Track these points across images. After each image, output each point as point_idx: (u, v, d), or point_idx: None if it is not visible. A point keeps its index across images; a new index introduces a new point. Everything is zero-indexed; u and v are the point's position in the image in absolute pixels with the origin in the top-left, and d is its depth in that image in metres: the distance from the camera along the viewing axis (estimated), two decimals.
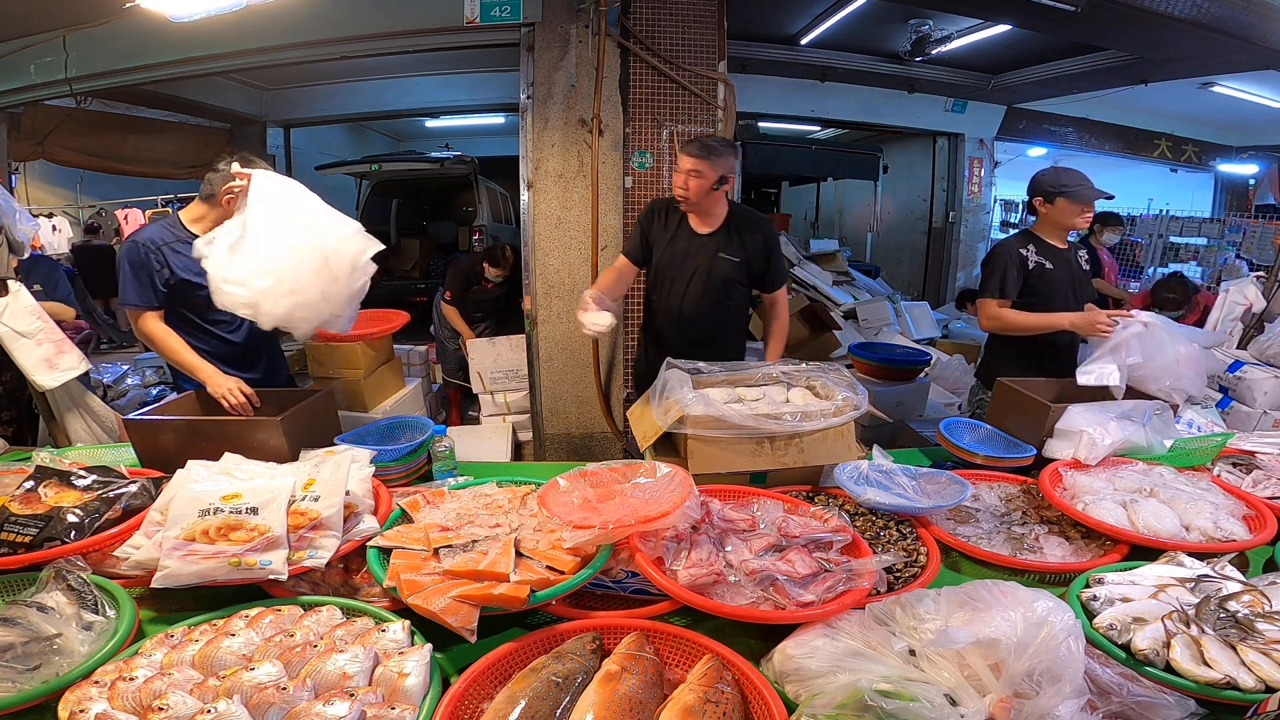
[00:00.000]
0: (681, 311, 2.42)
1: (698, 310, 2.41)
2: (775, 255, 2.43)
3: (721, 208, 2.37)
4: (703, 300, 2.39)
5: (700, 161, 2.20)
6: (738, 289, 2.44)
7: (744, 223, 2.39)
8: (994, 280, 2.41)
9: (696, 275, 2.37)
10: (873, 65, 6.44)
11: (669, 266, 2.41)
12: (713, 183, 2.23)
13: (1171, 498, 1.52)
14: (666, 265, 2.41)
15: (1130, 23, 4.42)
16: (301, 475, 1.37)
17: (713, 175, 2.22)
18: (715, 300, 2.40)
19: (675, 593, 1.14)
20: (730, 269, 2.36)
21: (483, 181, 8.03)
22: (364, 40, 3.77)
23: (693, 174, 2.22)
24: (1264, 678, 0.96)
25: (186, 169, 7.02)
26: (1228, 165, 9.22)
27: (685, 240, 2.39)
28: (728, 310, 2.46)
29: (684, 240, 2.39)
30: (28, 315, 2.38)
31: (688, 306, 2.40)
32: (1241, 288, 3.34)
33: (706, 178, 2.22)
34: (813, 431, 1.63)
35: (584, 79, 3.43)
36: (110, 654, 1.04)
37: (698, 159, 2.20)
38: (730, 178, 2.28)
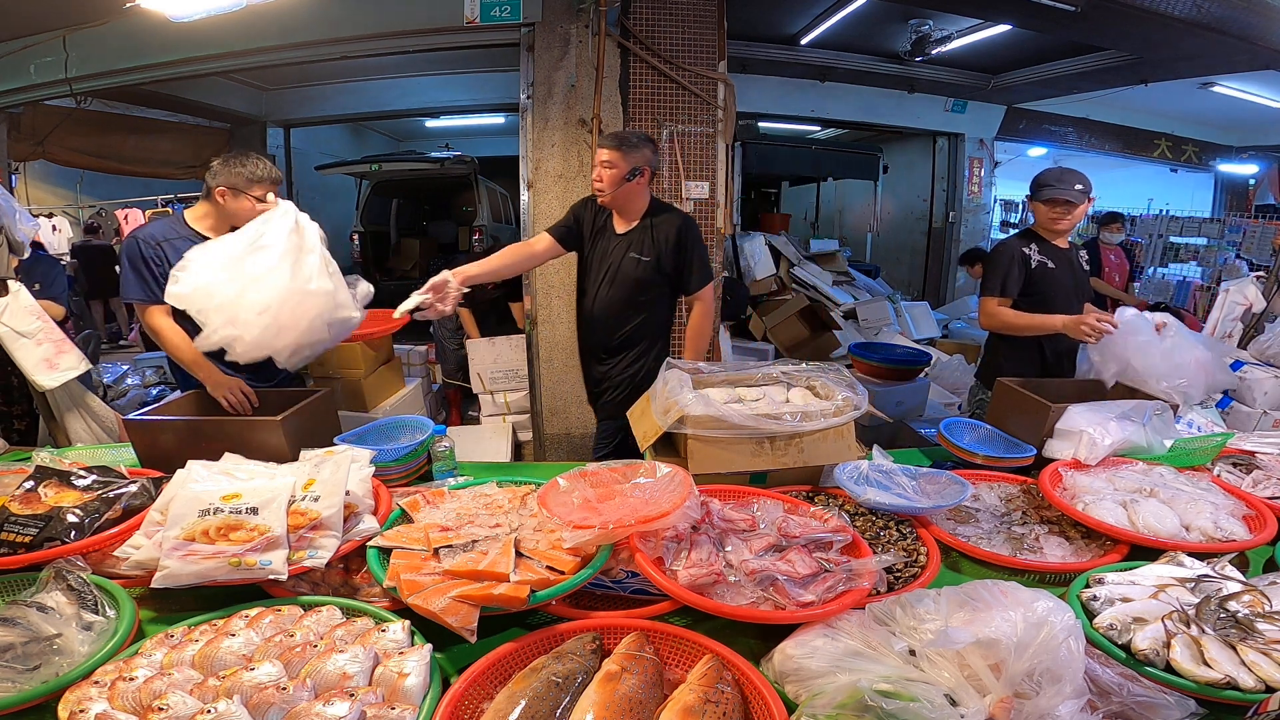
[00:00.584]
0: (593, 314, 2.33)
1: (607, 313, 2.30)
2: (690, 252, 2.26)
3: (640, 204, 2.27)
4: (612, 303, 2.28)
5: (612, 152, 2.14)
6: (652, 291, 2.29)
7: (660, 219, 2.27)
8: (995, 279, 2.41)
9: (607, 276, 2.28)
10: (873, 65, 6.44)
11: (589, 268, 2.34)
12: (625, 174, 2.15)
13: (1171, 498, 1.52)
14: (586, 267, 2.34)
15: (1130, 23, 4.42)
16: (301, 475, 1.37)
17: (625, 166, 2.14)
18: (625, 302, 2.28)
19: (675, 593, 1.14)
20: (639, 269, 2.24)
21: (483, 181, 8.04)
22: (364, 40, 3.78)
23: (605, 165, 2.15)
24: (1264, 678, 0.96)
25: (186, 169, 7.02)
26: (1228, 165, 9.22)
27: (604, 240, 2.31)
28: (640, 313, 2.30)
29: (603, 240, 2.31)
30: (28, 315, 2.38)
31: (598, 309, 2.31)
32: (1241, 288, 3.34)
33: (618, 168, 2.14)
34: (813, 431, 1.63)
35: (584, 79, 3.43)
36: (110, 654, 1.04)
37: (610, 150, 2.14)
38: (646, 170, 2.20)
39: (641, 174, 2.18)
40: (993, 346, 2.65)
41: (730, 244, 5.99)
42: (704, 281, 2.31)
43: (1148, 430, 1.76)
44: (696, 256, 2.28)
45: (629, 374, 2.34)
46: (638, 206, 2.26)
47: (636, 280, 2.25)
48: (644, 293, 2.27)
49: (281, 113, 7.12)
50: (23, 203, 4.09)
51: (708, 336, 2.43)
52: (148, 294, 2.06)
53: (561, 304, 3.64)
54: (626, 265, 2.25)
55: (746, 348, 5.65)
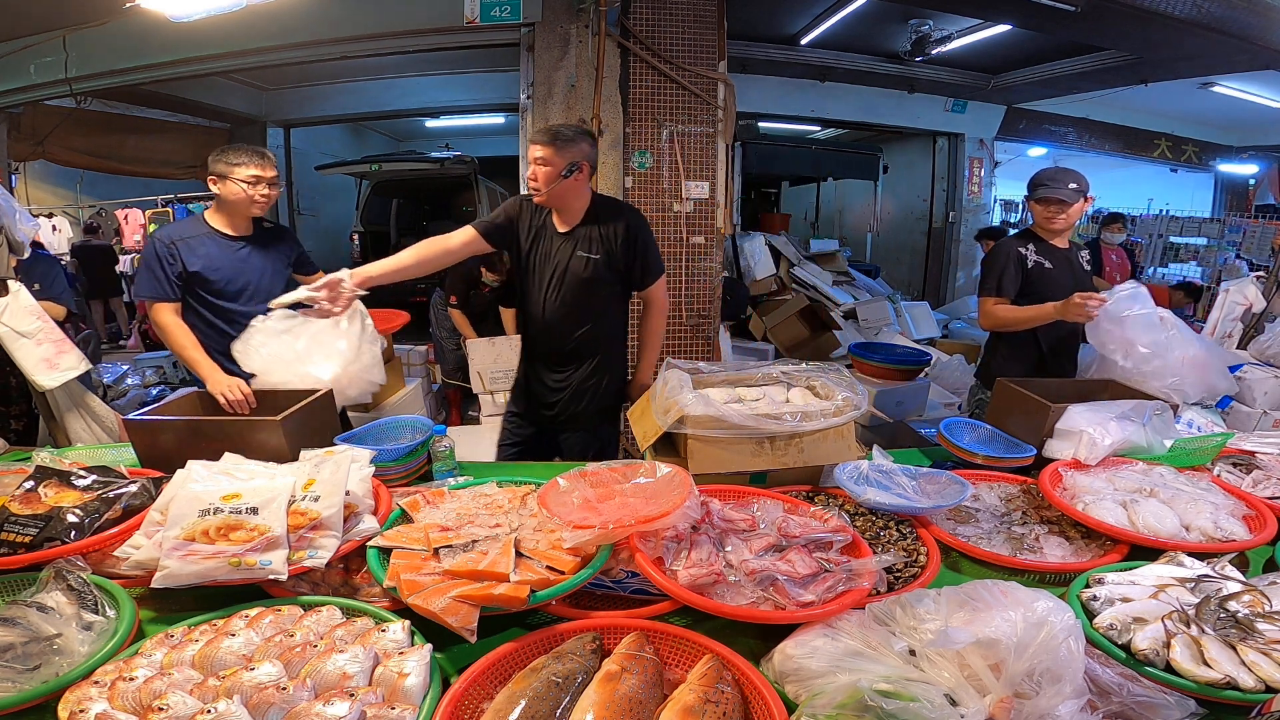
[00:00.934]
0: (545, 318, 2.20)
1: (560, 316, 2.18)
2: (641, 246, 2.17)
3: (582, 202, 2.14)
4: (563, 305, 2.17)
5: (545, 148, 2.01)
6: (604, 290, 2.19)
7: (605, 215, 2.16)
8: (991, 279, 2.42)
9: (555, 278, 2.15)
10: (873, 65, 6.45)
11: (532, 270, 2.20)
12: (561, 170, 2.01)
13: (1171, 498, 1.52)
14: (530, 268, 2.20)
15: (1130, 23, 4.42)
16: (301, 475, 1.37)
17: (560, 163, 2.01)
18: (577, 304, 2.17)
19: (675, 593, 1.14)
20: (590, 268, 2.13)
21: (483, 181, 8.04)
22: (364, 40, 3.78)
23: (539, 162, 2.03)
24: (1264, 678, 0.96)
25: (186, 169, 7.01)
26: (1228, 165, 9.23)
27: (547, 240, 2.17)
28: (594, 315, 2.21)
29: (546, 240, 2.17)
30: (28, 315, 2.37)
31: (550, 312, 2.18)
32: (1241, 288, 3.34)
33: (553, 165, 2.01)
34: (813, 431, 1.63)
35: (584, 79, 3.43)
36: (110, 654, 1.04)
37: (543, 145, 2.01)
38: (584, 165, 2.06)
39: (579, 170, 2.05)
40: (992, 346, 2.65)
41: (730, 244, 6.00)
42: (657, 275, 2.24)
43: (1148, 430, 1.76)
44: (648, 250, 2.19)
45: (592, 383, 2.25)
46: (579, 204, 2.14)
47: (587, 280, 2.14)
48: (596, 293, 2.18)
49: (281, 113, 7.13)
50: (23, 203, 4.09)
51: (662, 335, 2.37)
52: (157, 291, 2.16)
53: None
54: (575, 265, 2.13)
55: (746, 348, 5.65)
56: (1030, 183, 2.43)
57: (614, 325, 2.30)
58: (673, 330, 3.71)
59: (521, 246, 2.20)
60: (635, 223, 2.18)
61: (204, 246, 2.24)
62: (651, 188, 3.54)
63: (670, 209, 3.56)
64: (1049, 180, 2.35)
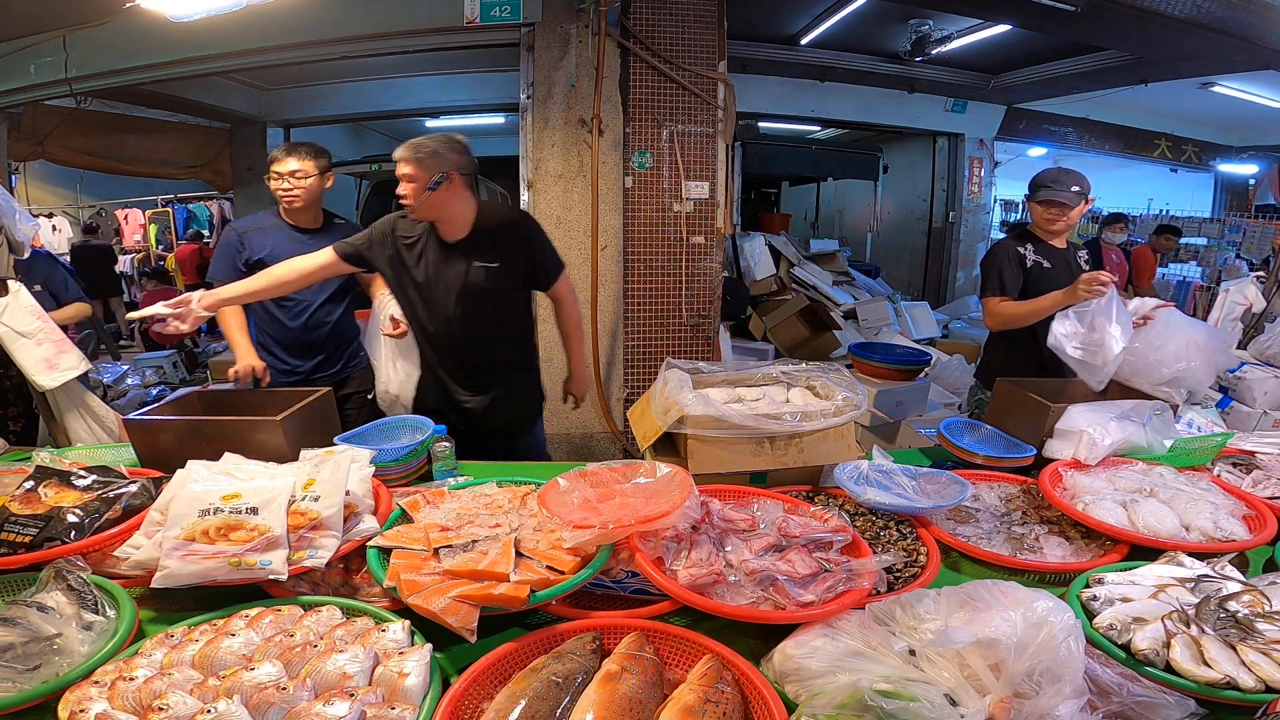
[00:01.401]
0: (452, 336, 2.14)
1: (466, 330, 2.12)
2: (539, 247, 2.14)
3: (463, 211, 2.06)
4: (469, 319, 2.10)
5: (408, 164, 1.95)
6: (507, 297, 2.15)
7: (495, 221, 2.11)
8: (993, 279, 2.41)
9: (457, 292, 2.08)
10: (873, 65, 6.44)
11: (425, 287, 2.10)
12: (426, 185, 1.95)
13: (1171, 498, 1.52)
14: (422, 285, 2.11)
15: (1130, 23, 4.42)
16: (301, 475, 1.37)
17: (424, 176, 1.94)
18: (483, 316, 2.12)
19: (675, 593, 1.14)
20: (490, 277, 2.07)
21: (483, 181, 8.03)
22: (364, 40, 3.78)
23: (405, 179, 1.97)
24: (1264, 678, 0.96)
25: (186, 169, 7.00)
26: (1228, 165, 9.23)
27: (435, 253, 2.08)
28: (500, 324, 2.18)
29: (434, 254, 2.08)
30: (28, 315, 2.37)
31: (456, 328, 2.12)
32: (1241, 288, 3.35)
33: (418, 180, 1.95)
34: (813, 431, 1.63)
35: (584, 79, 3.43)
36: (110, 654, 1.04)
37: (406, 162, 1.95)
38: (452, 174, 1.97)
39: (447, 180, 1.96)
40: (992, 346, 2.65)
41: (730, 244, 6.00)
42: (559, 272, 2.20)
43: (1148, 430, 1.76)
44: (545, 250, 2.16)
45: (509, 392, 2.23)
46: (460, 214, 2.06)
47: (490, 290, 2.08)
48: (500, 301, 2.13)
49: (281, 113, 7.11)
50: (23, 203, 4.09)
51: (581, 325, 2.35)
52: (220, 274, 2.39)
53: None
54: (475, 276, 2.06)
55: (746, 348, 5.65)
56: (1032, 183, 2.42)
57: (522, 330, 2.29)
58: (673, 330, 3.71)
59: (407, 264, 2.11)
60: (528, 224, 2.16)
61: (271, 237, 2.44)
62: (651, 188, 3.54)
63: (670, 209, 3.56)
64: (1051, 182, 2.35)
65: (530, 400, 2.34)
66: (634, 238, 3.57)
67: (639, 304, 3.65)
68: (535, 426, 2.39)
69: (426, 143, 1.98)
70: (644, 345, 3.71)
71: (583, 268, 3.57)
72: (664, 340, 3.71)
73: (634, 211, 3.54)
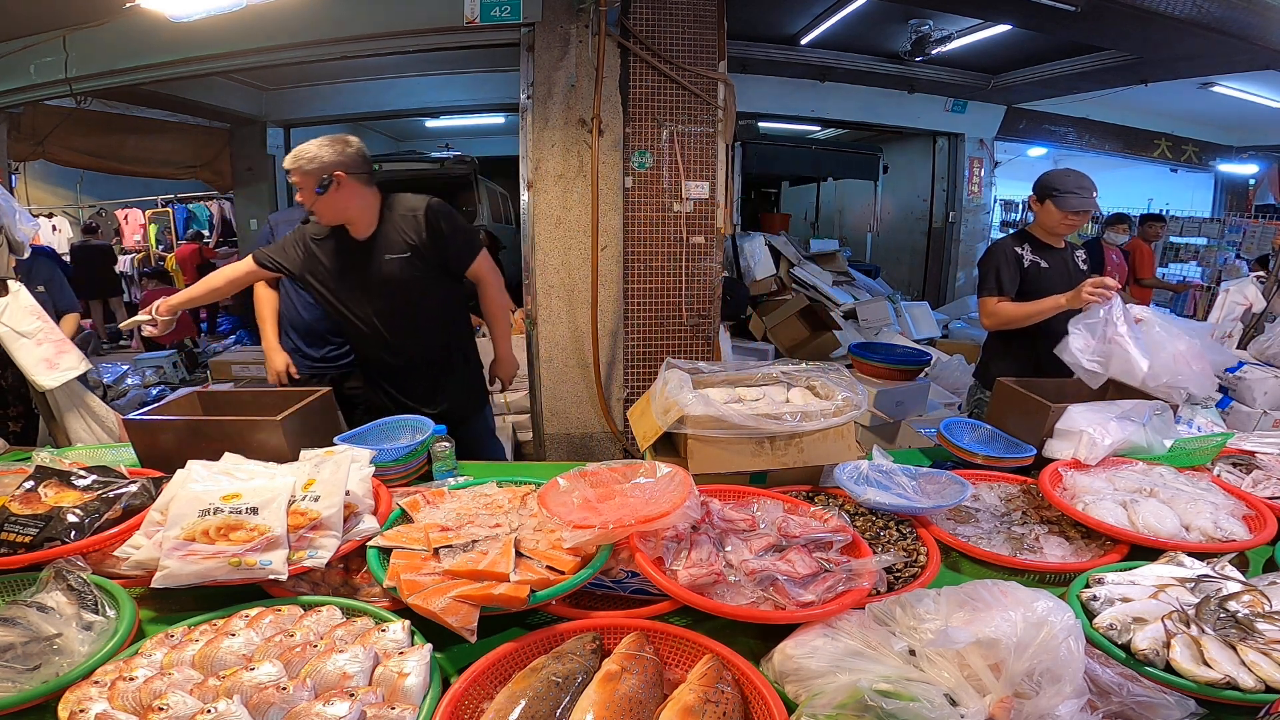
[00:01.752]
0: (377, 332, 2.15)
1: (393, 324, 2.14)
2: (447, 229, 2.11)
3: (362, 207, 2.06)
4: (390, 313, 2.12)
5: (293, 175, 1.98)
6: (427, 285, 2.14)
7: (400, 210, 2.11)
8: (990, 279, 2.41)
9: (374, 288, 2.10)
10: (873, 65, 6.44)
11: (342, 286, 2.13)
12: (314, 187, 1.96)
13: (1171, 498, 1.52)
14: (339, 286, 2.13)
15: (1130, 23, 4.42)
16: (301, 475, 1.37)
17: (310, 182, 1.96)
18: (407, 308, 2.13)
19: (675, 593, 1.14)
20: (404, 268, 2.08)
21: (483, 181, 8.03)
22: (364, 40, 3.77)
23: (297, 187, 1.99)
24: (1264, 678, 0.96)
25: (186, 169, 7.01)
26: (1228, 165, 9.23)
27: (348, 254, 2.10)
28: (429, 315, 2.19)
29: (346, 254, 2.10)
30: (28, 315, 2.37)
31: (381, 324, 2.14)
32: (1241, 288, 3.35)
33: (306, 186, 1.97)
34: (813, 431, 1.63)
35: (584, 79, 3.43)
36: (110, 654, 1.04)
37: (291, 170, 1.97)
38: (337, 174, 1.97)
39: (333, 181, 1.97)
40: (990, 346, 2.65)
41: (730, 244, 6.00)
42: (474, 253, 2.18)
43: (1148, 430, 1.76)
44: (456, 231, 2.14)
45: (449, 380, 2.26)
46: (361, 211, 2.07)
47: (405, 281, 2.10)
48: (419, 291, 2.13)
49: (281, 113, 7.11)
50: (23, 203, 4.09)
51: (505, 305, 2.36)
52: None
53: (561, 304, 3.65)
54: (389, 269, 2.08)
55: (746, 348, 5.65)
56: (1049, 186, 2.36)
57: (451, 320, 2.27)
58: (673, 330, 3.71)
59: (321, 266, 2.13)
60: (432, 209, 2.12)
61: None
62: (651, 188, 3.54)
63: (670, 209, 3.56)
64: (1077, 189, 2.30)
65: (467, 390, 2.34)
66: (634, 238, 3.57)
67: (639, 304, 3.65)
68: (476, 418, 2.39)
69: (309, 148, 1.98)
70: (644, 345, 3.71)
71: (582, 268, 3.57)
72: (664, 340, 3.71)
73: (634, 211, 3.54)
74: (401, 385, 2.25)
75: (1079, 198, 2.31)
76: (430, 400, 2.24)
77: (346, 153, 2.00)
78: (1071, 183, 2.33)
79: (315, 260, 2.14)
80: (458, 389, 2.31)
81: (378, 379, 2.28)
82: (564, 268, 3.60)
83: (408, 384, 2.25)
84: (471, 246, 2.19)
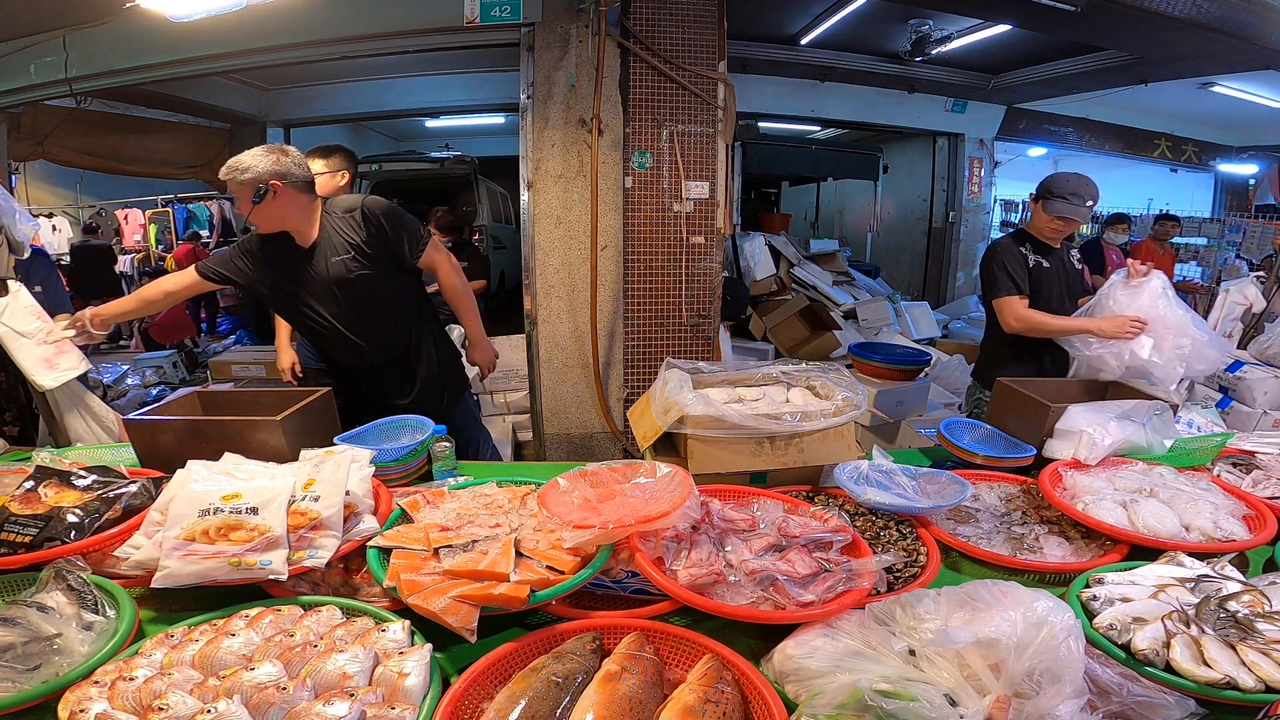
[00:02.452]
0: (346, 337, 2.16)
1: (350, 326, 2.14)
2: (388, 223, 2.10)
3: (303, 213, 2.06)
4: (345, 315, 2.13)
5: (232, 187, 1.96)
6: (377, 284, 2.13)
7: (339, 211, 2.11)
8: (1003, 278, 2.36)
9: (325, 293, 2.11)
10: (873, 65, 6.44)
11: (296, 294, 2.12)
12: (250, 197, 1.95)
13: (1171, 498, 1.52)
14: (292, 294, 2.12)
15: (1130, 23, 4.42)
16: (301, 475, 1.37)
17: (246, 192, 1.95)
18: (359, 308, 2.13)
19: (675, 593, 1.14)
20: (350, 268, 2.08)
21: (483, 181, 8.03)
22: (364, 40, 3.77)
23: (238, 200, 1.99)
24: (1264, 678, 0.96)
25: (186, 169, 7.01)
26: (1228, 165, 9.23)
27: (294, 262, 2.10)
28: (387, 312, 2.19)
29: (293, 262, 2.10)
30: (28, 315, 2.37)
31: (346, 328, 2.15)
32: (1241, 288, 3.35)
33: (242, 197, 1.96)
34: (813, 431, 1.63)
35: (584, 79, 3.43)
36: (110, 654, 1.04)
37: (228, 184, 1.96)
38: (273, 183, 1.96)
39: (269, 190, 1.96)
40: (989, 346, 2.64)
41: (730, 244, 6.00)
42: (419, 245, 2.15)
43: (1148, 430, 1.76)
44: (396, 224, 2.12)
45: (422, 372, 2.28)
46: (300, 218, 2.07)
47: (353, 281, 2.09)
48: (372, 289, 2.13)
49: (281, 113, 7.11)
50: (23, 203, 4.09)
51: (464, 290, 2.32)
52: None
53: (561, 304, 3.65)
54: (335, 271, 2.08)
55: (746, 348, 5.65)
56: (1049, 190, 2.37)
57: (411, 316, 2.27)
58: (673, 330, 3.71)
59: (272, 276, 2.13)
60: (368, 204, 2.11)
61: None
62: (651, 188, 3.54)
63: (670, 209, 3.56)
64: (1071, 196, 2.30)
65: (441, 381, 2.35)
66: (634, 238, 3.57)
67: (639, 304, 3.65)
68: (457, 409, 2.40)
69: (243, 159, 1.96)
70: (644, 345, 3.71)
71: (582, 268, 3.57)
72: (664, 340, 3.71)
73: (634, 211, 3.54)
74: (372, 383, 2.27)
75: (1068, 204, 2.30)
76: (401, 394, 2.25)
77: (282, 162, 1.98)
78: (1067, 188, 2.32)
79: (262, 270, 2.13)
80: (430, 380, 2.31)
81: (347, 379, 2.29)
82: (564, 268, 3.60)
83: (379, 381, 2.26)
84: (417, 238, 2.16)
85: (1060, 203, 2.31)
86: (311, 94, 6.98)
